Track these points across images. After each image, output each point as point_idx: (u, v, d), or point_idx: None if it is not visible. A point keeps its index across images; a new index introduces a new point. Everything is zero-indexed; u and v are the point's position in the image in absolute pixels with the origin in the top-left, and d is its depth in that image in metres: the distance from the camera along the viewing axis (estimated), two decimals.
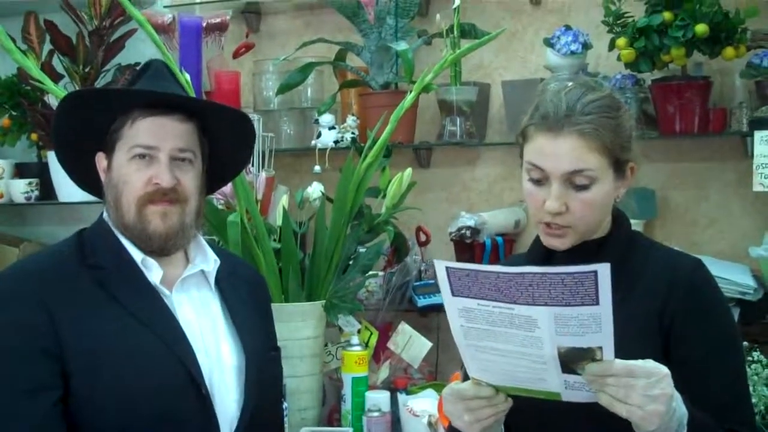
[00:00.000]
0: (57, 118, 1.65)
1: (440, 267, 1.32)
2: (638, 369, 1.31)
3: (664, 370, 1.33)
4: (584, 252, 1.56)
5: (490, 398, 1.42)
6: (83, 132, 1.63)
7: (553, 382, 1.35)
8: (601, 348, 1.29)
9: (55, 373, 1.48)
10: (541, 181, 1.52)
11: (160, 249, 1.61)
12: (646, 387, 1.31)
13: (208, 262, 1.67)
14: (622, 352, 1.49)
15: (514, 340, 1.32)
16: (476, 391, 1.42)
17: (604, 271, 1.23)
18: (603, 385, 1.32)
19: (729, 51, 2.51)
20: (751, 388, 2.03)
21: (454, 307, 1.35)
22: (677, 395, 1.37)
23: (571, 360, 1.31)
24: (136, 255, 1.60)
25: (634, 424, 1.33)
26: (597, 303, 1.25)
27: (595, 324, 1.27)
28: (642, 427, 1.33)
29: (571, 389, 1.36)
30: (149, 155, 1.58)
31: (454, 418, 1.47)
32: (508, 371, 1.37)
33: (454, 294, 1.33)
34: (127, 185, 1.58)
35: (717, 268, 2.45)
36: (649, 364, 1.33)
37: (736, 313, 2.41)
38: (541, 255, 1.63)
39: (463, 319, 1.35)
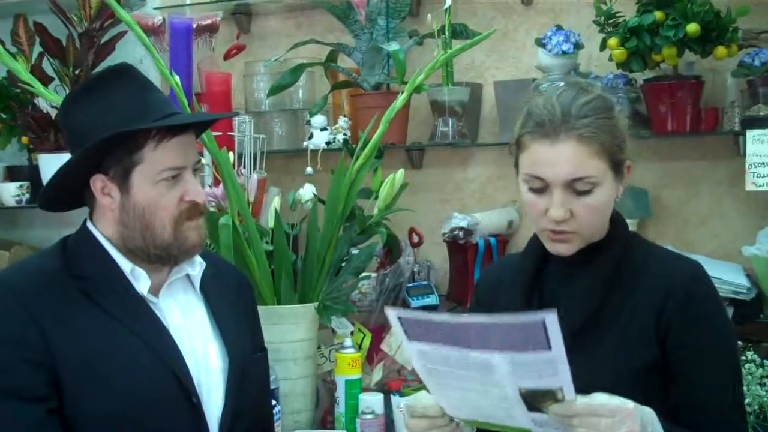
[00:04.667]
0: (87, 152, 1.53)
1: (392, 316, 1.32)
2: (601, 408, 1.30)
3: (630, 406, 1.32)
4: (582, 255, 1.55)
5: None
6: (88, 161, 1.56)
7: (521, 419, 1.34)
8: (561, 388, 1.29)
9: (47, 384, 1.47)
10: (542, 189, 1.50)
11: (181, 260, 1.61)
12: (612, 425, 1.30)
13: (194, 265, 1.66)
14: (619, 356, 1.49)
15: (475, 381, 1.31)
16: (443, 410, 1.41)
17: (551, 319, 1.20)
18: (569, 425, 1.31)
19: (720, 50, 2.51)
20: (744, 388, 2.03)
21: (413, 350, 1.34)
22: (652, 419, 1.36)
23: (534, 399, 1.31)
24: (125, 265, 1.58)
25: None
26: (549, 348, 1.23)
27: (551, 368, 1.26)
28: None
29: (540, 426, 1.35)
30: (177, 174, 1.56)
31: None
32: (478, 407, 1.36)
33: (409, 339, 1.33)
34: (159, 208, 1.55)
35: (710, 268, 2.42)
36: (614, 401, 1.32)
37: (729, 312, 2.41)
38: (538, 257, 1.61)
39: (423, 360, 1.35)
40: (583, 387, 1.47)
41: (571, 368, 1.49)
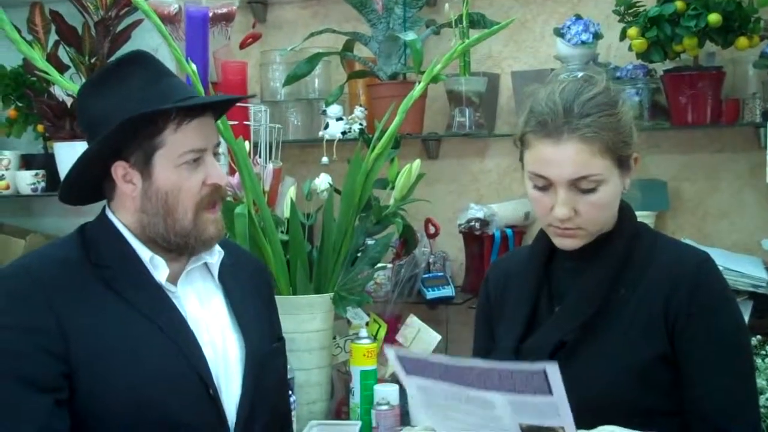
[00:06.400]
0: (108, 138, 1.52)
1: (390, 354, 1.32)
2: None
3: None
4: (589, 248, 1.54)
5: None
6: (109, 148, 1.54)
7: None
8: (563, 427, 1.26)
9: (58, 374, 1.45)
10: (546, 187, 1.50)
11: (198, 250, 1.60)
12: None
13: (212, 254, 1.65)
14: (625, 352, 1.48)
15: (475, 415, 1.30)
16: None
17: (553, 369, 1.19)
18: None
19: (742, 41, 2.48)
20: (765, 383, 2.01)
21: (411, 384, 1.33)
22: None
23: None
24: (144, 253, 1.57)
25: None
26: (551, 393, 1.21)
27: (552, 410, 1.24)
28: None
29: None
30: (199, 157, 1.55)
31: None
32: None
33: (407, 374, 1.32)
34: (182, 192, 1.54)
35: (729, 261, 2.44)
36: None
37: (748, 306, 2.39)
38: (545, 250, 1.61)
39: (421, 393, 1.34)
40: (591, 380, 1.46)
41: (580, 361, 1.48)
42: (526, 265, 1.64)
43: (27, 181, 3.25)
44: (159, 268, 1.58)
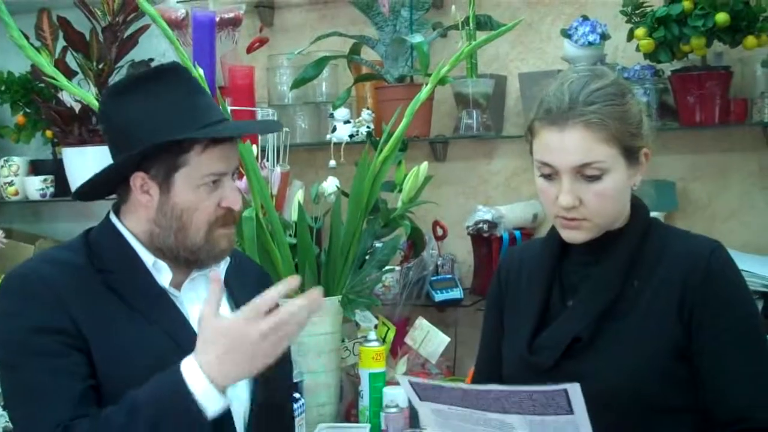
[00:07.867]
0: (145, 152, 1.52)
1: (404, 381, 1.33)
2: None
3: None
4: (601, 242, 1.54)
5: None
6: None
7: None
8: None
9: (88, 364, 1.47)
10: (551, 176, 1.51)
11: (208, 264, 1.61)
12: None
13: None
14: (640, 345, 1.48)
15: None
16: None
17: (574, 390, 1.20)
18: None
19: (750, 40, 2.47)
20: None
21: (425, 409, 1.34)
22: None
23: None
24: (147, 258, 1.58)
25: None
26: (572, 413, 1.22)
27: (572, 429, 1.24)
28: None
29: None
30: (218, 180, 1.56)
31: None
32: None
33: (421, 399, 1.33)
34: (197, 212, 1.55)
35: (739, 261, 2.37)
36: None
37: (759, 306, 2.37)
38: (558, 244, 1.61)
39: (436, 416, 1.34)
40: (606, 374, 1.46)
41: (595, 356, 1.48)
42: (539, 258, 1.64)
43: (36, 186, 3.27)
44: (162, 272, 1.58)
